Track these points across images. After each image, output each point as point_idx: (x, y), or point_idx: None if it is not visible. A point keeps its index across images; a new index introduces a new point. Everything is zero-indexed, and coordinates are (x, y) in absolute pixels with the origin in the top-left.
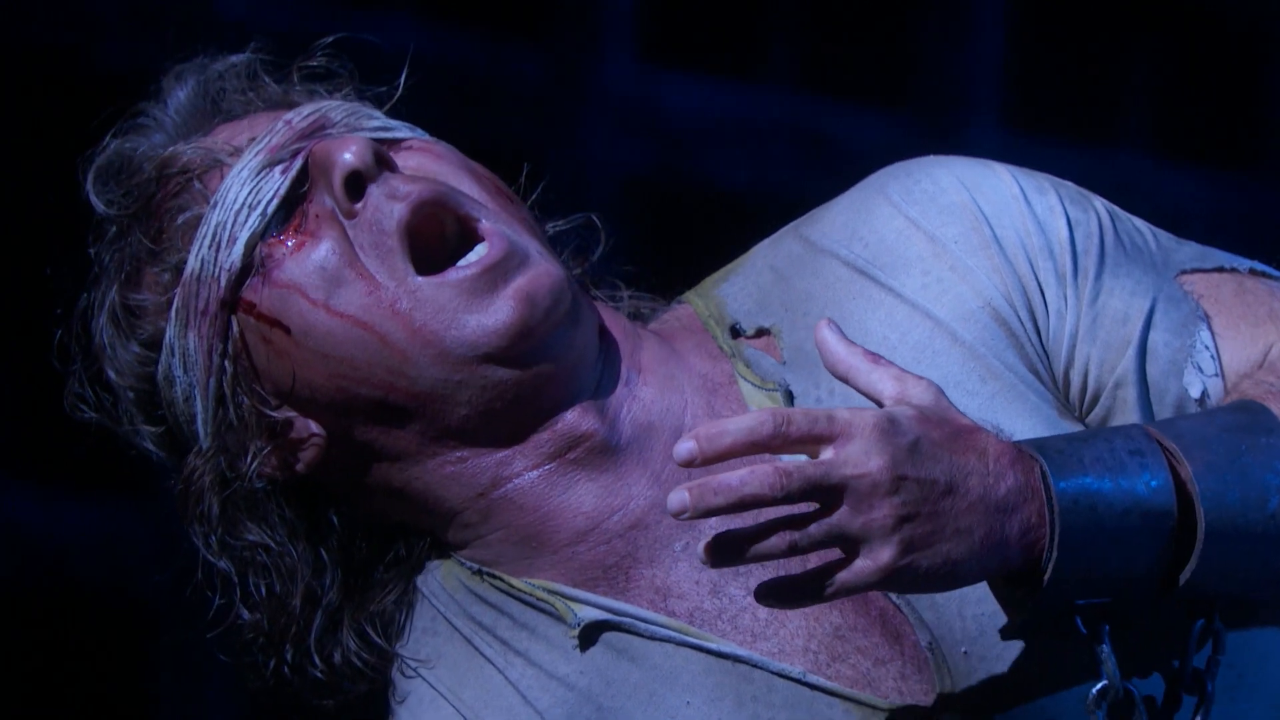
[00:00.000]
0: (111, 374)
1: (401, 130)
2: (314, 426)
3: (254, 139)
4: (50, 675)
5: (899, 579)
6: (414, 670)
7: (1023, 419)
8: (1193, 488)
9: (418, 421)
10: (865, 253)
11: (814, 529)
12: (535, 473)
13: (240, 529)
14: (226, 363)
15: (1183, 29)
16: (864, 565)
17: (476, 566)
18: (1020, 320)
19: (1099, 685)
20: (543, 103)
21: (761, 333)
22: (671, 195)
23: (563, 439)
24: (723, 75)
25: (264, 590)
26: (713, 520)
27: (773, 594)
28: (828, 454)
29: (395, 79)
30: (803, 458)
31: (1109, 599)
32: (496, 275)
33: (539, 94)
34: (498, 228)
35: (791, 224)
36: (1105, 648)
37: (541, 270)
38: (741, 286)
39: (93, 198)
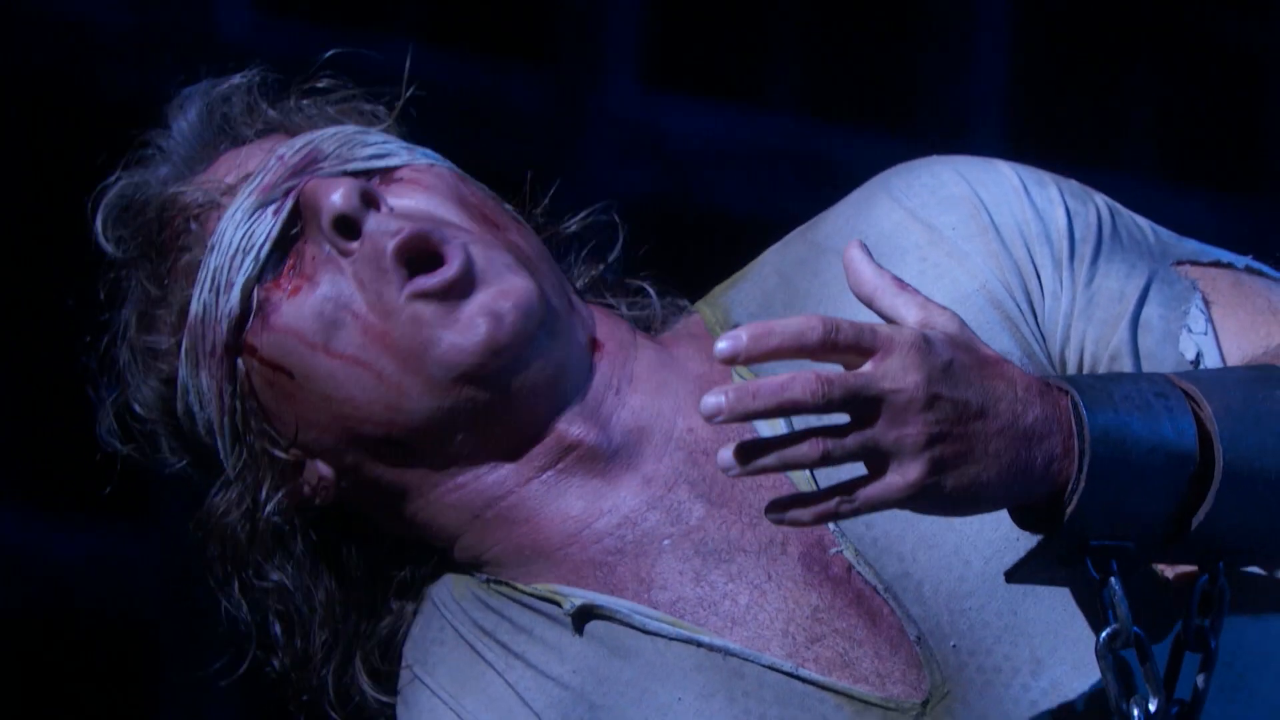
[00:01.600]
0: (137, 408)
1: (398, 155)
2: (322, 467)
3: (248, 175)
4: (50, 699)
5: (925, 497)
6: (417, 678)
7: None
8: (1211, 427)
9: (419, 455)
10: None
11: (849, 440)
12: (527, 488)
13: (262, 570)
14: (237, 403)
15: (1185, 53)
16: (892, 480)
17: (485, 576)
18: (1016, 303)
19: (1108, 630)
20: (545, 127)
21: None
22: (674, 220)
23: (552, 451)
24: (725, 100)
25: (283, 635)
26: (699, 513)
27: (787, 508)
28: (867, 367)
29: (399, 98)
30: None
31: (1123, 540)
32: (453, 291)
33: (541, 118)
34: (462, 247)
35: (800, 228)
36: (1115, 583)
37: (506, 286)
38: (748, 292)
39: (101, 240)
